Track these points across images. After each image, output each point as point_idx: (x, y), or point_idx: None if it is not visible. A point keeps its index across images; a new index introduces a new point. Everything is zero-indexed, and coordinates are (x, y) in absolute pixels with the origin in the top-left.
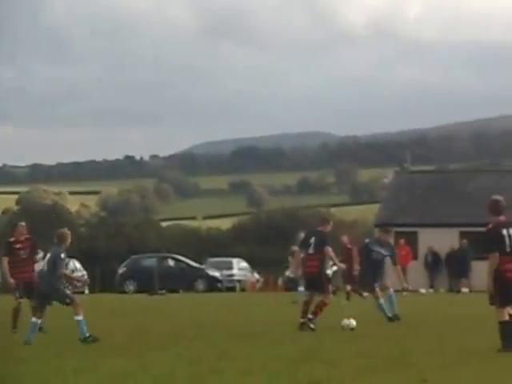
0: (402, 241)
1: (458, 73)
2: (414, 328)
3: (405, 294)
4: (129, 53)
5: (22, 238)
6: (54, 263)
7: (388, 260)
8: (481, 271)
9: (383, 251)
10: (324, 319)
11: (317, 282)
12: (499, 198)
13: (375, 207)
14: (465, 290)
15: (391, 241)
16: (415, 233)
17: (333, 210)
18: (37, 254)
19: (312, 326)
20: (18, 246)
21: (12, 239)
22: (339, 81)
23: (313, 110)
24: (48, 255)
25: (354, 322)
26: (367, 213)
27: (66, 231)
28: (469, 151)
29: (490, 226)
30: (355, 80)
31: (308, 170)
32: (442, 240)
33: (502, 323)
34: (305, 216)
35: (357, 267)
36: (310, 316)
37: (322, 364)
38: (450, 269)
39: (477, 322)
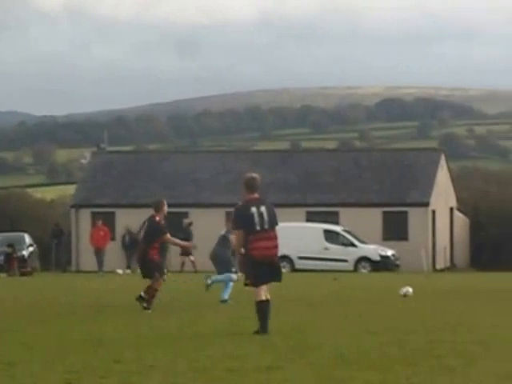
0: (99, 222)
1: (155, 53)
2: (109, 309)
3: (101, 273)
4: None
5: None
6: None
7: None
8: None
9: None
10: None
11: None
12: (255, 175)
13: (73, 188)
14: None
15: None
16: (113, 213)
17: (29, 190)
18: None
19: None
20: None
21: None
22: (34, 59)
23: (7, 88)
24: None
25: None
26: (65, 193)
27: None
28: (166, 132)
29: (240, 203)
30: (50, 59)
31: (4, 150)
32: (139, 220)
33: (258, 303)
34: (0, 197)
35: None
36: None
37: (15, 345)
38: None
39: (174, 301)
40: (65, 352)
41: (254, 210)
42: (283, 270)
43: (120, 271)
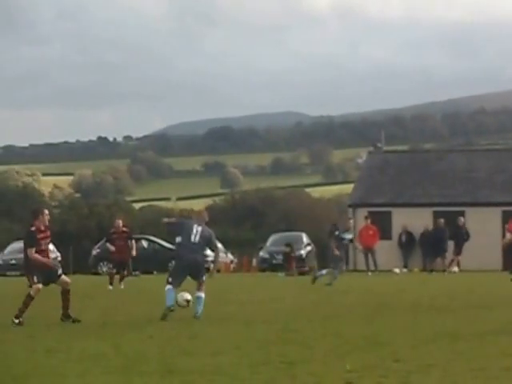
0: (368, 220)
1: (429, 52)
2: (387, 308)
3: (370, 274)
4: (91, 34)
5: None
6: None
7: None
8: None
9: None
10: (296, 299)
11: None
12: None
13: (349, 187)
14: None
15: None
16: (389, 212)
17: (307, 190)
18: None
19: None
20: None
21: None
22: (308, 61)
23: (285, 90)
24: None
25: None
26: (341, 193)
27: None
28: (442, 131)
29: None
30: (324, 60)
31: (281, 151)
32: (416, 219)
33: None
34: (279, 197)
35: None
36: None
37: (295, 345)
38: (424, 248)
39: (450, 299)
40: (344, 351)
41: None
42: None
43: (397, 270)
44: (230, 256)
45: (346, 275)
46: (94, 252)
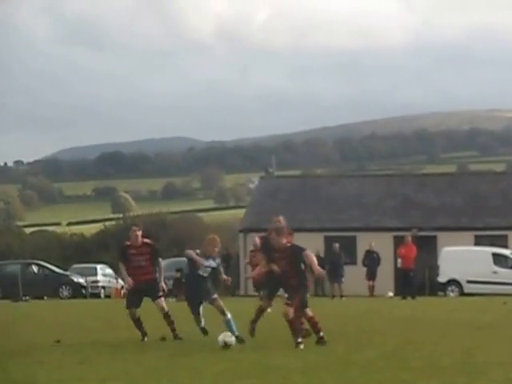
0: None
1: (319, 78)
2: (278, 333)
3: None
4: None
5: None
6: None
7: None
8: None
9: None
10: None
11: None
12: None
13: (241, 212)
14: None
15: None
16: None
17: (199, 215)
18: None
19: None
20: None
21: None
22: (199, 86)
23: (177, 115)
24: None
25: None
26: (234, 217)
27: None
28: (333, 156)
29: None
30: (215, 86)
31: (173, 176)
32: (308, 245)
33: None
34: (171, 221)
35: None
36: None
37: (185, 371)
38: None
39: (341, 325)
40: (233, 376)
41: None
42: (452, 294)
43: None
44: (121, 281)
45: (238, 300)
46: None
